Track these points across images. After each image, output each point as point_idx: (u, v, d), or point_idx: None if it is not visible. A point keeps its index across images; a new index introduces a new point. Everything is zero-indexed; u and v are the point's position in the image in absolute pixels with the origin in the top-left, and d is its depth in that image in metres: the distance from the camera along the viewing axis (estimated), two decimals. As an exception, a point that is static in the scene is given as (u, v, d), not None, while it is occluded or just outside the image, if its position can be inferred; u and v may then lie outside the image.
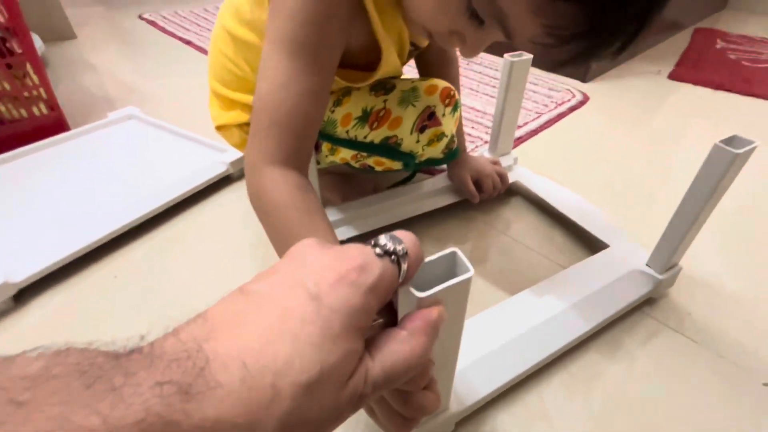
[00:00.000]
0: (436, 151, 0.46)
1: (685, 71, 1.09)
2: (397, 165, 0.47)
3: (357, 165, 0.48)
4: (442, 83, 0.45)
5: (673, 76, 1.07)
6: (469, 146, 0.70)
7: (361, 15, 0.35)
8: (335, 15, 0.32)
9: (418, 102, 0.43)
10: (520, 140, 0.73)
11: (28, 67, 0.59)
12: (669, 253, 0.41)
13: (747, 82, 1.04)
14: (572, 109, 0.86)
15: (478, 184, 0.54)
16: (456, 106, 0.46)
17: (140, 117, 0.69)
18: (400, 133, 0.43)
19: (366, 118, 0.43)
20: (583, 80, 1.01)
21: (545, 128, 0.78)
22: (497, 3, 0.27)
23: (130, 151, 0.63)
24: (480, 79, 0.97)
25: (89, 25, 1.18)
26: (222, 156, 0.59)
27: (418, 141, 0.44)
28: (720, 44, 1.35)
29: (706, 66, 1.14)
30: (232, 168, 0.58)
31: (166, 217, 0.52)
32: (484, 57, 1.10)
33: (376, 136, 0.43)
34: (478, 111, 0.82)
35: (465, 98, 0.87)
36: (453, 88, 0.45)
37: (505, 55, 0.52)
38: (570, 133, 0.78)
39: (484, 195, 0.54)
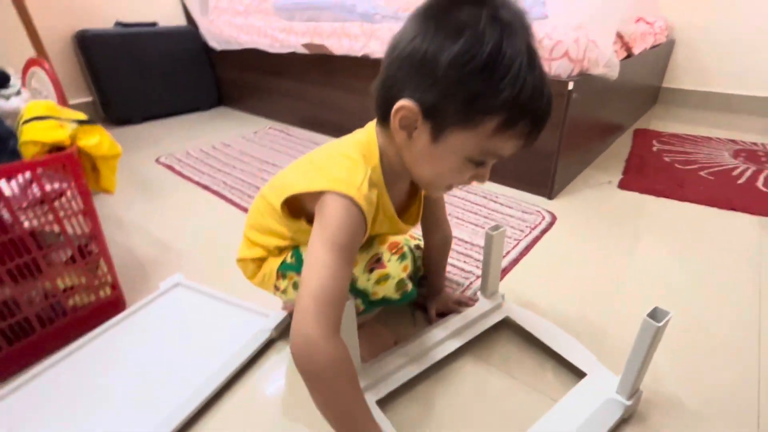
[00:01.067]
0: (389, 290, 0.58)
1: (632, 180, 1.31)
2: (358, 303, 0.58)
3: None
4: (392, 238, 0.59)
5: (622, 186, 1.28)
6: (463, 282, 0.84)
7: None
8: (360, 226, 0.48)
9: (371, 249, 0.58)
10: (505, 271, 0.88)
11: (101, 261, 0.72)
12: (632, 382, 0.54)
13: (681, 186, 1.26)
14: (544, 231, 1.03)
15: (443, 313, 0.73)
16: (403, 256, 0.58)
17: (186, 284, 0.81)
18: (356, 271, 0.57)
19: None
20: (549, 197, 1.21)
21: (524, 255, 0.94)
22: (491, 148, 0.46)
23: (179, 324, 0.73)
24: (463, 206, 1.15)
25: (114, 176, 1.35)
26: (266, 322, 0.71)
27: (368, 279, 0.57)
28: (656, 146, 1.61)
29: (648, 172, 1.37)
30: (275, 333, 0.70)
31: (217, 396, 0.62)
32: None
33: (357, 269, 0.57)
34: (466, 242, 0.98)
35: (453, 228, 1.03)
36: (402, 243, 0.59)
37: (486, 230, 0.68)
38: (545, 257, 0.94)
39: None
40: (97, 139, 0.70)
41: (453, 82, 0.42)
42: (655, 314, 0.50)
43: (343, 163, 0.50)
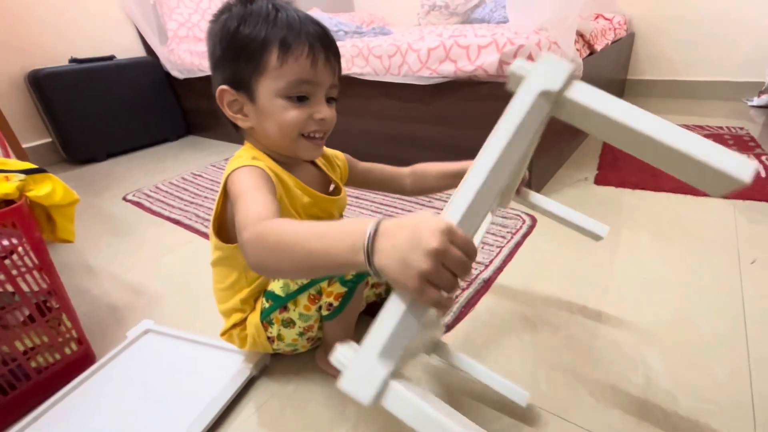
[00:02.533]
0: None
1: (607, 175, 1.33)
2: (338, 287, 0.57)
3: (306, 343, 0.64)
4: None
5: (598, 181, 1.30)
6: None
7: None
8: (261, 175, 0.52)
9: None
10: (490, 280, 0.88)
11: (63, 316, 0.69)
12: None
13: (655, 177, 1.29)
14: (525, 235, 1.03)
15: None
16: None
17: (156, 330, 0.78)
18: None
19: None
20: (528, 200, 1.22)
21: (508, 262, 0.94)
22: (292, 77, 0.52)
23: (153, 372, 0.70)
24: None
25: (78, 219, 1.30)
26: (243, 360, 0.68)
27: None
28: (627, 138, 1.65)
29: (622, 165, 1.39)
30: (255, 370, 0.67)
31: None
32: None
33: None
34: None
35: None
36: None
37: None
38: (529, 261, 0.94)
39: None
40: (50, 188, 0.67)
41: (228, 49, 0.53)
42: None
43: (230, 164, 0.57)
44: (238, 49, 0.52)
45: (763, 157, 1.36)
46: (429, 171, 0.75)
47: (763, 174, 1.25)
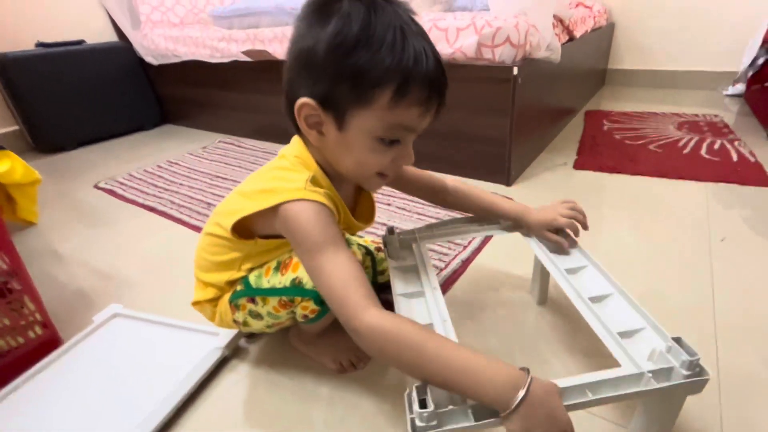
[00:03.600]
0: None
1: (586, 159, 1.36)
2: (312, 305, 0.56)
3: (275, 330, 0.63)
4: None
5: (577, 166, 1.33)
6: (440, 264, 0.83)
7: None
8: (328, 215, 0.49)
9: None
10: (468, 261, 0.88)
11: (26, 298, 0.67)
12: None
13: (632, 161, 1.32)
14: (504, 217, 1.05)
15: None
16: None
17: (124, 314, 0.77)
18: (300, 273, 0.55)
19: (278, 267, 0.57)
20: (507, 184, 1.23)
21: (486, 242, 0.95)
22: (395, 121, 0.46)
23: (122, 355, 0.69)
24: (423, 200, 1.15)
25: (46, 206, 1.26)
26: (215, 340, 0.68)
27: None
28: (606, 125, 1.68)
29: (602, 150, 1.42)
30: (227, 351, 0.67)
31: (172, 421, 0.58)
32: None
33: (286, 279, 0.55)
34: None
35: (413, 224, 1.03)
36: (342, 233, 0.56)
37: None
38: (509, 243, 0.95)
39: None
40: (8, 166, 0.65)
41: (334, 66, 0.44)
42: None
43: (283, 174, 0.52)
44: (347, 72, 0.44)
45: (736, 143, 1.40)
46: (471, 195, 0.72)
47: (734, 158, 1.29)
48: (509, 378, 0.38)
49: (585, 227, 0.65)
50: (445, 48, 1.15)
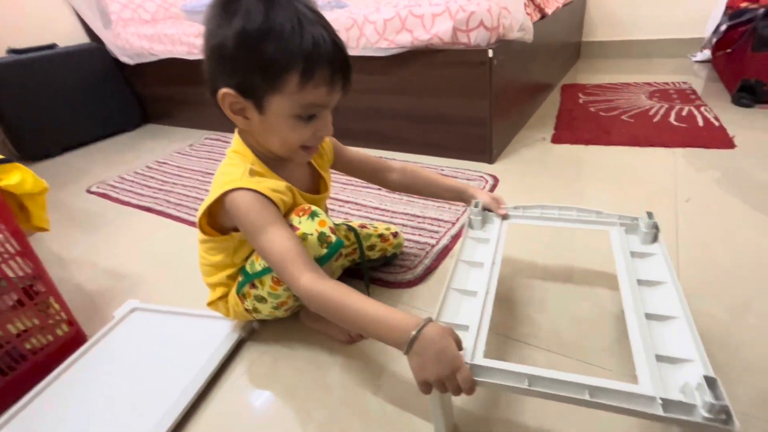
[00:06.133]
0: (313, 248, 0.60)
1: (563, 133, 1.44)
2: None
3: (284, 313, 0.70)
4: (298, 207, 0.63)
5: (555, 140, 1.41)
6: (420, 253, 0.91)
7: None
8: (263, 201, 0.57)
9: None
10: (456, 236, 0.97)
11: (51, 299, 0.73)
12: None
13: (607, 132, 1.41)
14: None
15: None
16: (312, 214, 0.62)
17: (142, 307, 0.83)
18: None
19: None
20: (489, 162, 1.31)
21: (473, 219, 1.03)
22: (306, 101, 0.53)
23: (145, 345, 0.76)
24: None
25: (43, 215, 1.30)
26: (231, 324, 0.75)
27: None
28: (582, 99, 1.77)
29: (578, 125, 1.51)
30: (244, 332, 0.74)
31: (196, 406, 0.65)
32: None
33: None
34: (417, 217, 1.06)
35: (404, 206, 1.11)
36: (307, 206, 0.63)
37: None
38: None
39: None
40: (19, 177, 0.70)
41: (244, 58, 0.51)
42: None
43: (225, 170, 0.61)
44: (256, 63, 0.51)
45: (702, 108, 1.50)
46: (420, 176, 0.83)
47: (701, 123, 1.39)
48: (408, 324, 0.47)
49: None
50: (422, 34, 1.21)
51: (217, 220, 0.64)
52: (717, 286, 0.75)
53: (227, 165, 0.62)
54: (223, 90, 0.53)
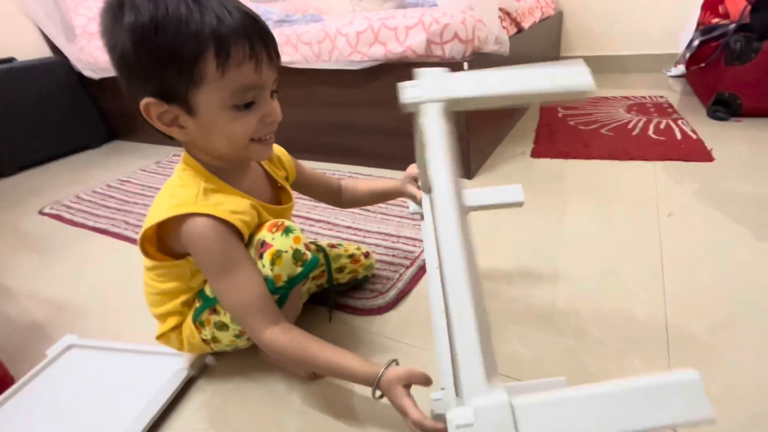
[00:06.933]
0: (288, 267, 0.55)
1: (542, 148, 1.42)
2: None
3: (246, 342, 0.63)
4: (270, 222, 0.57)
5: (535, 155, 1.39)
6: (393, 276, 0.86)
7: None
8: (222, 233, 0.52)
9: (255, 239, 0.57)
10: (433, 256, 0.91)
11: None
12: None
13: (587, 146, 1.39)
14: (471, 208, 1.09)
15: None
16: (286, 230, 0.57)
17: (80, 344, 0.75)
18: None
19: None
20: (469, 177, 1.28)
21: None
22: (235, 84, 0.47)
23: (81, 387, 0.67)
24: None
25: (-14, 239, 1.20)
26: (180, 361, 0.67)
27: (263, 266, 0.55)
28: (561, 113, 1.77)
29: (557, 138, 1.49)
30: (192, 370, 0.67)
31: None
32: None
33: None
34: (392, 236, 1.00)
35: (378, 224, 1.06)
36: (280, 221, 0.57)
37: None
38: (474, 232, 0.99)
39: None
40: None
41: (149, 58, 0.45)
42: None
43: (175, 192, 0.54)
44: (163, 58, 0.45)
45: (680, 121, 1.51)
46: (358, 188, 0.82)
47: (678, 136, 1.39)
48: (368, 375, 0.51)
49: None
50: (395, 47, 1.18)
51: (168, 245, 0.57)
52: (702, 304, 0.71)
53: (177, 186, 0.55)
54: (144, 100, 0.47)
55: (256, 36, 0.47)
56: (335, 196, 0.81)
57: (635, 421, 0.29)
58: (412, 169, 0.79)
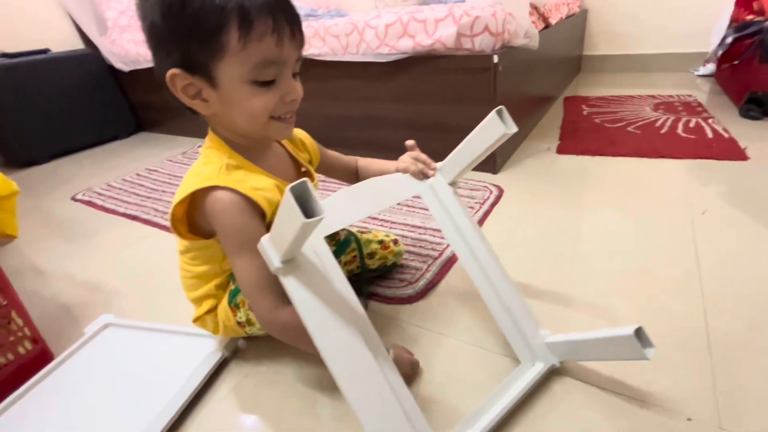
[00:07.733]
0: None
1: (568, 144, 1.39)
2: None
3: None
4: None
5: (560, 151, 1.36)
6: (421, 266, 0.85)
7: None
8: (244, 209, 0.52)
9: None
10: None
11: (13, 313, 0.65)
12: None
13: (613, 143, 1.36)
14: (493, 204, 1.07)
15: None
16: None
17: (116, 323, 0.76)
18: None
19: None
20: (494, 172, 1.26)
21: (477, 230, 0.96)
22: (257, 59, 0.48)
23: (118, 365, 0.68)
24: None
25: (22, 222, 1.23)
26: (213, 342, 0.68)
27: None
28: (586, 110, 1.73)
29: (583, 135, 1.46)
30: (227, 352, 0.67)
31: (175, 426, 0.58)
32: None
33: None
34: (419, 227, 0.99)
35: (404, 216, 1.05)
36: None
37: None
38: (498, 228, 0.97)
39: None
40: (-15, 178, 0.64)
41: (175, 28, 0.46)
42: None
43: (199, 170, 0.54)
44: (188, 28, 0.46)
45: (710, 120, 1.46)
46: (370, 168, 0.79)
47: (710, 135, 1.35)
48: None
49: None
50: (424, 39, 1.17)
51: (197, 223, 0.57)
52: (740, 304, 0.69)
53: (201, 164, 0.56)
54: (170, 71, 0.48)
55: (281, 12, 0.48)
56: (353, 175, 0.81)
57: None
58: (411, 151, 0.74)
